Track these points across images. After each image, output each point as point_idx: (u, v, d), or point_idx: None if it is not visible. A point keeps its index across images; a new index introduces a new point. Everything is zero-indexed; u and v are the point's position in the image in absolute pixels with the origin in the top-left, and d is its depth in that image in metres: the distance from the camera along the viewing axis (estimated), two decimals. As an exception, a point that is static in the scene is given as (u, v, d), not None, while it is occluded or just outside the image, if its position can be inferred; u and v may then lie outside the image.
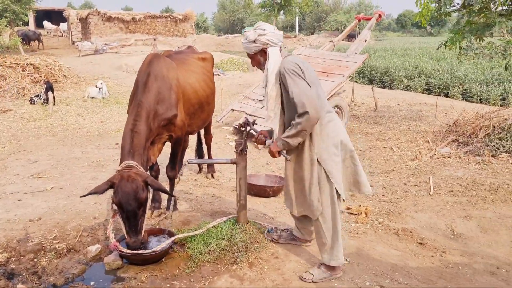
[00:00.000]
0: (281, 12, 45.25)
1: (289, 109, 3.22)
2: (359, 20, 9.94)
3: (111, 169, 6.01)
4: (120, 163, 3.62)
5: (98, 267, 3.60)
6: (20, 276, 3.42)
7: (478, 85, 14.60)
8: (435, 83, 15.55)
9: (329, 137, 3.15)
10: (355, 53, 8.76)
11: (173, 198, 4.26)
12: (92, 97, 12.23)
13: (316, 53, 9.21)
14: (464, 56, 7.76)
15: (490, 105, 12.49)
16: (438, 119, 9.48)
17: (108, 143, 7.55)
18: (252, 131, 3.73)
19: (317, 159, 3.14)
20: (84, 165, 6.26)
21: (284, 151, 3.28)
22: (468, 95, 14.55)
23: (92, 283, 3.34)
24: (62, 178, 5.67)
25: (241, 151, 3.71)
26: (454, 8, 7.74)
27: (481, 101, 13.93)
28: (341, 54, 9.00)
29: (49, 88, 11.01)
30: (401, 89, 16.04)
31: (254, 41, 3.24)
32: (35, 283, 3.34)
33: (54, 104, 10.94)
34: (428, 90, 15.82)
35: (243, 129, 3.73)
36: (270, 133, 3.54)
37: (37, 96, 11.11)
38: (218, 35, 50.67)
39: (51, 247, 3.83)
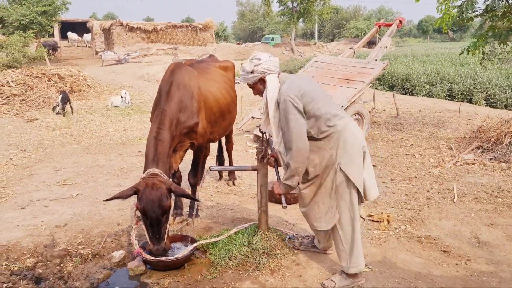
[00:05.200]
0: (301, 19, 45.38)
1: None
2: (380, 27, 9.90)
3: (134, 176, 6.12)
4: (144, 170, 3.69)
5: (122, 272, 3.66)
6: (47, 281, 3.51)
7: (502, 91, 14.31)
8: (458, 89, 15.29)
9: (347, 142, 3.15)
10: (376, 60, 8.72)
11: (195, 205, 4.29)
12: (115, 106, 12.47)
13: (336, 60, 9.20)
14: (487, 62, 7.64)
15: (515, 111, 12.21)
16: (462, 125, 9.32)
17: (131, 151, 7.68)
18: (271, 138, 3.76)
19: (339, 166, 3.14)
20: (107, 172, 6.38)
21: (283, 198, 3.41)
22: (492, 101, 14.27)
23: (116, 288, 3.40)
24: (87, 185, 5.79)
25: (262, 158, 3.74)
26: (477, 13, 7.65)
27: (505, 107, 13.64)
28: (361, 61, 8.96)
29: (65, 98, 11.24)
30: (422, 96, 15.84)
31: (251, 72, 3.32)
32: (62, 288, 3.42)
33: (72, 113, 11.17)
34: (450, 96, 15.57)
35: (264, 132, 3.76)
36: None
37: (55, 107, 11.28)
38: (238, 44, 50.99)
39: (76, 252, 3.92)
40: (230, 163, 5.96)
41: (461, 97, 14.99)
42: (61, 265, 3.72)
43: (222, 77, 4.85)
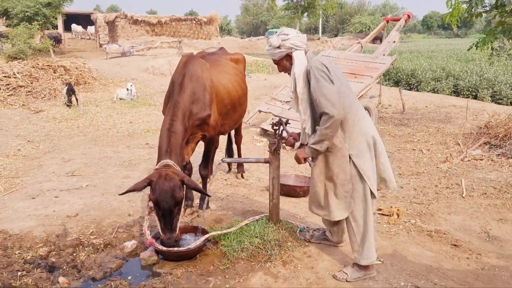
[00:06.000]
0: (305, 14, 45.23)
1: (315, 110, 3.24)
2: (387, 21, 9.87)
3: (143, 168, 6.14)
4: (158, 162, 3.70)
5: (134, 262, 3.69)
6: (61, 269, 3.53)
7: (508, 87, 14.29)
8: (464, 85, 15.27)
9: (361, 134, 3.16)
10: (384, 55, 8.70)
11: (206, 197, 4.32)
12: (120, 99, 12.48)
13: (344, 54, 9.19)
14: (496, 57, 7.60)
15: (521, 107, 12.18)
16: (468, 121, 9.30)
17: (138, 143, 7.70)
18: (284, 131, 3.77)
19: (350, 156, 3.15)
20: (116, 164, 6.41)
21: (310, 158, 3.27)
22: (498, 97, 14.25)
23: (129, 278, 3.42)
24: (96, 176, 5.82)
25: (275, 151, 3.75)
26: (486, 8, 7.61)
27: (511, 104, 13.63)
28: (369, 55, 8.95)
29: (70, 90, 11.26)
30: (428, 91, 15.82)
31: (278, 47, 3.27)
32: (75, 276, 3.44)
33: (77, 105, 11.19)
34: (456, 93, 15.54)
35: (277, 128, 3.78)
36: (300, 136, 3.56)
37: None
38: (242, 38, 50.88)
39: (88, 242, 3.94)
40: (239, 155, 5.98)
41: (467, 93, 14.96)
42: (74, 254, 3.74)
43: (234, 69, 4.86)
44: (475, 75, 15.94)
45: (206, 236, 3.75)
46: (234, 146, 6.04)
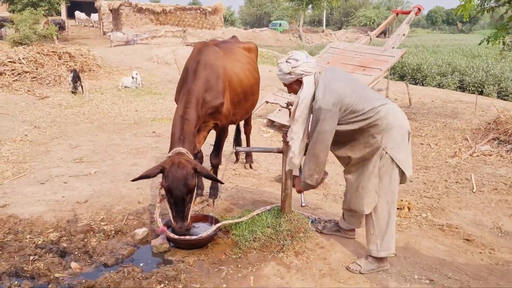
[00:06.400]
0: (309, 6, 44.89)
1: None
2: (397, 14, 9.79)
3: (151, 156, 6.12)
4: (170, 149, 3.68)
5: (145, 249, 3.67)
6: (72, 255, 3.52)
7: (515, 84, 14.21)
8: (469, 81, 15.20)
9: (393, 127, 3.13)
10: (393, 48, 8.64)
11: (218, 186, 4.30)
12: (125, 87, 12.44)
13: (352, 46, 9.12)
14: (507, 52, 7.55)
15: (528, 104, 12.12)
16: (476, 117, 9.26)
17: (145, 131, 7.67)
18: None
19: (384, 150, 3.12)
20: (123, 151, 6.38)
21: (303, 197, 3.54)
22: (504, 93, 14.18)
23: (141, 264, 3.41)
24: (104, 163, 5.80)
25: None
26: (499, 3, 7.54)
27: (518, 100, 13.57)
28: (378, 48, 8.89)
29: (76, 77, 11.21)
30: (433, 86, 15.75)
31: (289, 73, 3.30)
32: (87, 262, 3.44)
33: (82, 93, 11.14)
34: (461, 88, 15.48)
35: (291, 107, 3.74)
36: None
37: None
38: (245, 29, 50.61)
39: (99, 228, 3.93)
40: (248, 146, 5.95)
41: (473, 89, 14.89)
42: (85, 240, 3.73)
43: (246, 58, 4.81)
44: (481, 71, 15.86)
45: (218, 225, 3.74)
46: (242, 136, 6.00)
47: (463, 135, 7.81)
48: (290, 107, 3.80)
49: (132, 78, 12.49)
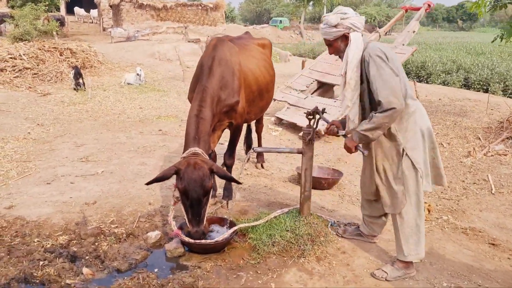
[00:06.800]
0: (310, 3, 44.68)
1: (369, 98, 3.05)
2: (406, 11, 9.62)
3: (159, 155, 5.97)
4: (185, 149, 3.52)
5: (159, 253, 3.52)
6: (83, 260, 3.37)
7: (520, 82, 14.08)
8: (475, 79, 15.06)
9: (417, 125, 2.99)
10: (403, 45, 8.48)
11: (231, 188, 4.15)
12: (128, 83, 12.24)
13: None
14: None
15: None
16: (488, 115, 9.10)
17: (151, 129, 7.51)
18: (321, 120, 3.58)
19: (403, 149, 2.98)
20: (130, 150, 6.22)
21: (361, 146, 3.11)
22: (510, 91, 14.05)
23: (155, 270, 3.25)
24: (111, 162, 5.64)
25: (310, 141, 3.57)
26: (512, -1, 7.39)
27: (523, 98, 13.43)
28: (388, 45, 8.70)
29: (78, 73, 11.02)
30: (438, 84, 15.61)
31: (335, 26, 3.03)
32: (99, 267, 3.29)
33: (84, 90, 10.95)
34: (466, 86, 15.34)
35: (311, 117, 3.59)
36: (343, 123, 3.35)
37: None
38: (245, 26, 50.34)
39: (110, 231, 3.78)
40: (259, 145, 5.79)
41: (478, 87, 14.76)
42: (96, 243, 3.57)
43: (261, 54, 4.65)
44: (487, 68, 15.73)
45: (235, 228, 3.58)
46: (253, 135, 5.85)
47: (474, 134, 7.66)
48: (309, 117, 3.58)
49: (137, 74, 12.28)
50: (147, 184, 3.38)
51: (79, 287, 3.03)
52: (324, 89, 8.78)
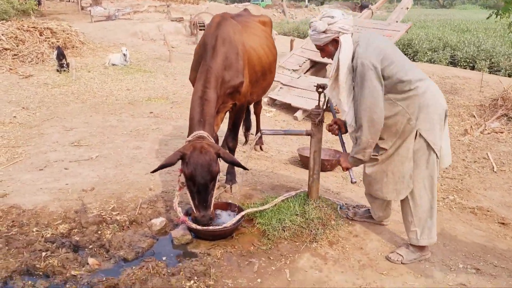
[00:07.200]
0: (293, -20, 44.05)
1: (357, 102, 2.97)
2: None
3: (153, 138, 5.79)
4: (190, 133, 3.38)
5: (165, 241, 3.40)
6: (87, 249, 3.23)
7: (506, 59, 14.14)
8: (461, 56, 15.08)
9: (430, 105, 2.89)
10: (396, 21, 8.36)
11: (235, 171, 4.02)
12: (113, 64, 11.87)
13: (355, 21, 8.79)
14: (515, 27, 7.37)
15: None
16: (477, 93, 9.11)
17: (142, 112, 7.29)
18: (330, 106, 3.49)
19: (418, 132, 2.89)
20: (123, 133, 6.02)
21: (351, 173, 3.17)
22: (495, 68, 14.12)
23: (164, 258, 3.13)
24: (104, 146, 5.44)
25: (319, 122, 3.46)
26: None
27: (509, 75, 13.51)
28: (382, 22, 8.61)
29: (60, 54, 10.63)
30: (424, 62, 15.59)
31: (324, 32, 2.94)
32: (105, 257, 3.15)
33: (68, 71, 10.58)
34: (453, 63, 15.36)
35: (321, 90, 3.47)
36: (345, 124, 3.23)
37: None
38: (226, 4, 49.42)
39: (112, 219, 3.62)
40: (258, 126, 5.66)
41: (464, 64, 14.79)
42: (99, 232, 3.42)
43: (263, 32, 4.47)
44: (473, 46, 15.75)
45: (243, 213, 3.48)
46: (252, 117, 5.71)
47: (468, 112, 7.67)
48: (320, 89, 3.49)
49: (123, 54, 11.89)
50: (153, 172, 3.25)
51: (85, 278, 2.90)
52: (317, 68, 8.65)
